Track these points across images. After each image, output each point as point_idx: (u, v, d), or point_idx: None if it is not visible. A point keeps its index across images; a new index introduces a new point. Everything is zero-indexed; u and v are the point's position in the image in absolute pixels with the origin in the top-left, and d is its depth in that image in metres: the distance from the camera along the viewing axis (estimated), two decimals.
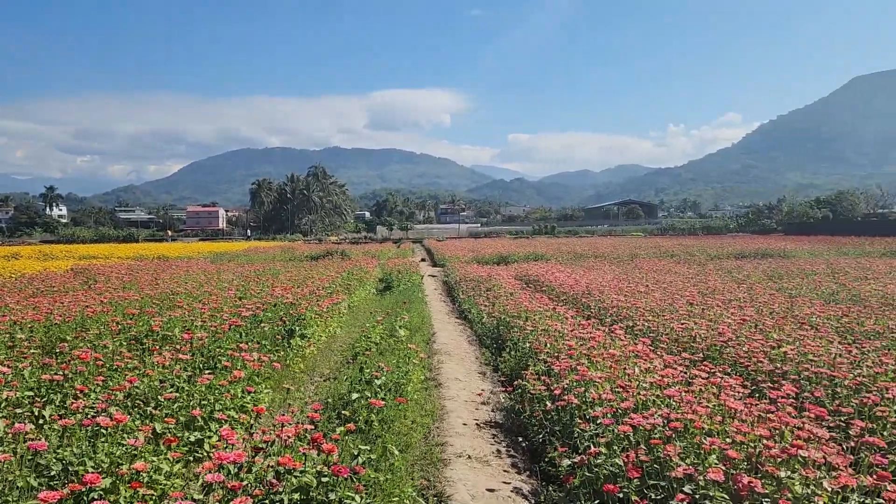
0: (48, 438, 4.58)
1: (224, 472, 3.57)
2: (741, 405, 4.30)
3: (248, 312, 9.37)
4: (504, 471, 5.27)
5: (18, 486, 3.80)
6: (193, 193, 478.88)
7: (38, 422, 5.22)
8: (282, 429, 3.96)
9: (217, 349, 7.33)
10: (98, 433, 4.55)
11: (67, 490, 3.61)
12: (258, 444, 3.92)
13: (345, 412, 5.58)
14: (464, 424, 6.35)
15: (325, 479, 3.62)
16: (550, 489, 4.61)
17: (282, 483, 3.56)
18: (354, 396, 6.11)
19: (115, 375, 6.25)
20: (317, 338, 10.61)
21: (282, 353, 8.76)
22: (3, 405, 5.22)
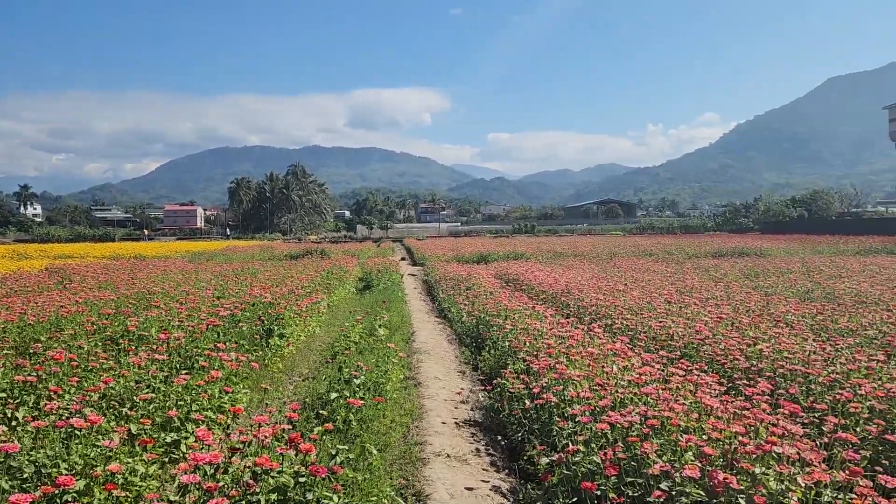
0: (21, 440, 4.50)
1: (200, 474, 3.54)
2: (717, 402, 4.34)
3: (226, 312, 9.29)
4: (483, 469, 5.27)
5: None
6: (171, 192, 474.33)
7: (11, 423, 5.14)
8: (259, 429, 3.93)
9: (194, 349, 7.26)
10: (72, 435, 4.49)
11: (40, 493, 3.56)
12: (235, 445, 3.89)
13: (323, 412, 5.56)
14: (443, 423, 6.35)
15: (303, 480, 3.60)
16: (529, 487, 4.62)
17: (259, 484, 3.53)
18: (333, 396, 6.09)
19: (90, 376, 6.17)
20: (296, 337, 10.55)
21: (260, 353, 8.70)
22: None
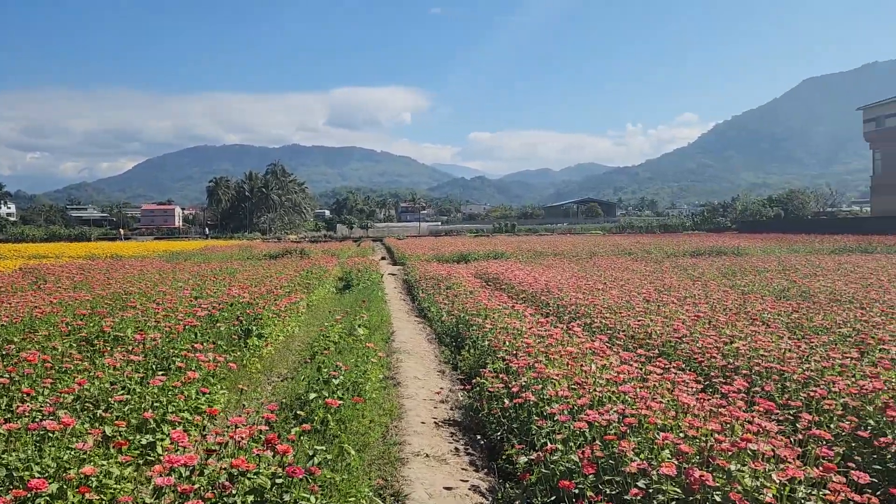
0: None
1: (175, 476, 3.50)
2: (694, 400, 4.37)
3: (204, 312, 9.21)
4: (462, 469, 5.27)
5: None
6: (149, 191, 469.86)
7: None
8: (235, 430, 3.89)
9: (171, 350, 7.18)
10: (45, 437, 4.42)
11: (11, 496, 3.50)
12: (211, 447, 3.85)
13: (301, 412, 5.53)
14: (422, 423, 6.34)
15: (280, 481, 3.58)
16: (508, 486, 4.63)
17: (235, 485, 3.50)
18: (312, 396, 6.06)
19: (64, 378, 6.09)
20: (274, 337, 10.48)
21: (238, 354, 8.63)
22: None
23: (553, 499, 3.99)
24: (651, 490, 3.52)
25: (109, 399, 5.43)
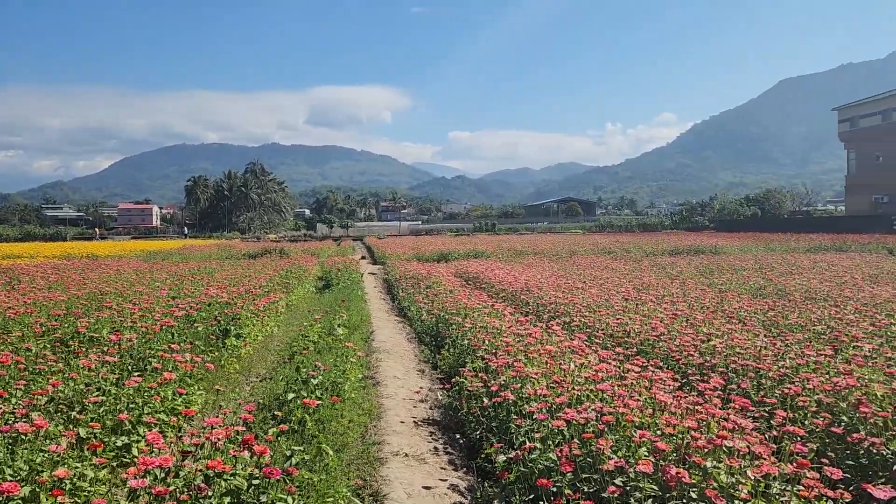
0: None
1: (150, 478, 3.46)
2: (670, 398, 4.40)
3: (181, 312, 9.12)
4: (441, 468, 5.26)
5: None
6: (126, 190, 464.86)
7: None
8: (212, 431, 3.86)
9: (147, 350, 7.11)
10: (17, 440, 4.36)
11: None
12: (187, 448, 3.81)
13: (279, 413, 5.49)
14: (401, 422, 6.33)
15: (257, 482, 3.55)
16: (486, 485, 4.63)
17: (211, 487, 3.47)
18: (290, 396, 6.02)
19: (38, 379, 6.00)
20: (253, 337, 10.41)
21: (216, 354, 8.56)
22: None
23: (531, 497, 4.00)
24: (628, 487, 3.54)
25: (84, 400, 5.37)
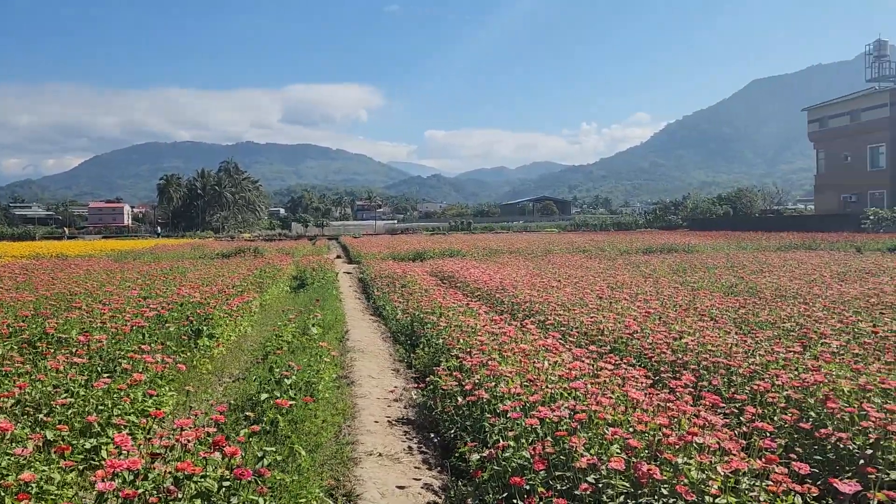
0: None
1: (119, 480, 3.41)
2: (643, 395, 4.44)
3: (152, 312, 9.00)
4: (415, 467, 5.26)
5: None
6: (96, 189, 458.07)
7: None
8: (181, 433, 3.81)
9: (117, 351, 7.00)
10: None
11: None
12: (157, 450, 3.76)
13: (252, 413, 5.44)
14: (375, 422, 6.31)
15: (228, 484, 3.51)
16: (460, 484, 4.63)
17: (181, 489, 3.42)
18: (264, 397, 5.97)
19: (4, 381, 5.89)
20: (226, 337, 10.31)
21: (188, 355, 8.47)
22: None
23: (505, 495, 4.00)
24: (601, 485, 3.56)
25: (52, 403, 5.26)
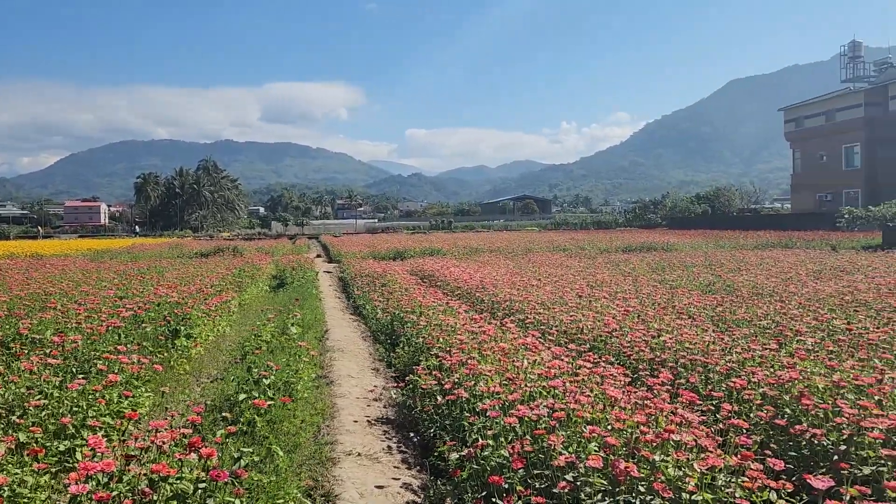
0: None
1: (93, 483, 3.36)
2: (620, 393, 4.46)
3: (129, 312, 8.90)
4: (394, 467, 5.24)
5: None
6: (72, 187, 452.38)
7: None
8: (157, 434, 3.77)
9: (92, 352, 6.91)
10: None
11: None
12: (131, 452, 3.71)
13: (229, 414, 5.40)
14: (355, 422, 6.28)
15: (204, 485, 3.48)
16: (439, 483, 4.62)
17: (156, 491, 3.38)
18: (242, 397, 5.92)
19: None
20: (204, 337, 10.22)
21: (165, 355, 8.38)
22: None
23: (484, 494, 4.00)
24: (579, 482, 3.57)
25: (25, 404, 5.19)
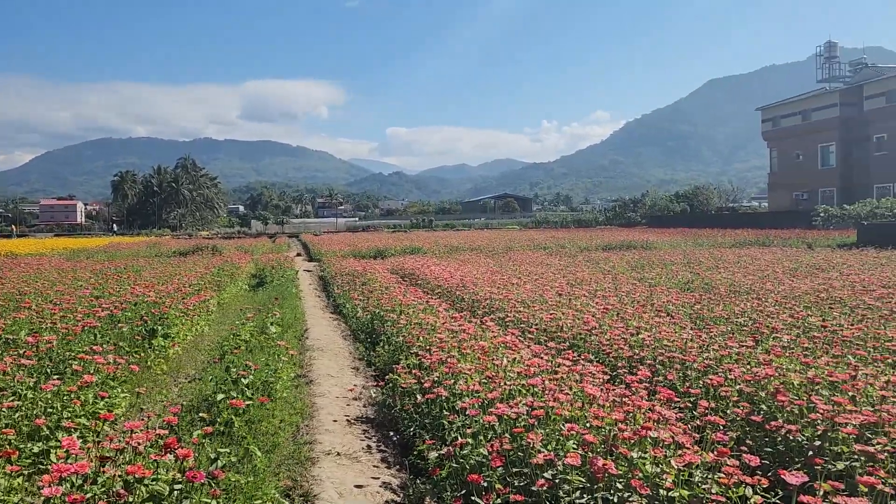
0: None
1: (67, 485, 3.32)
2: (599, 391, 4.47)
3: (105, 312, 8.79)
4: (374, 466, 5.23)
5: None
6: (48, 186, 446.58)
7: None
8: (132, 435, 3.72)
9: (67, 352, 6.81)
10: None
11: None
12: (106, 453, 3.67)
13: (207, 414, 5.35)
14: (334, 421, 6.26)
15: (180, 486, 3.44)
16: (419, 482, 4.61)
17: (131, 493, 3.34)
18: (220, 397, 5.87)
19: None
20: (182, 337, 10.13)
21: (142, 355, 8.29)
22: None
23: (463, 493, 4.00)
24: (557, 480, 3.58)
25: None
